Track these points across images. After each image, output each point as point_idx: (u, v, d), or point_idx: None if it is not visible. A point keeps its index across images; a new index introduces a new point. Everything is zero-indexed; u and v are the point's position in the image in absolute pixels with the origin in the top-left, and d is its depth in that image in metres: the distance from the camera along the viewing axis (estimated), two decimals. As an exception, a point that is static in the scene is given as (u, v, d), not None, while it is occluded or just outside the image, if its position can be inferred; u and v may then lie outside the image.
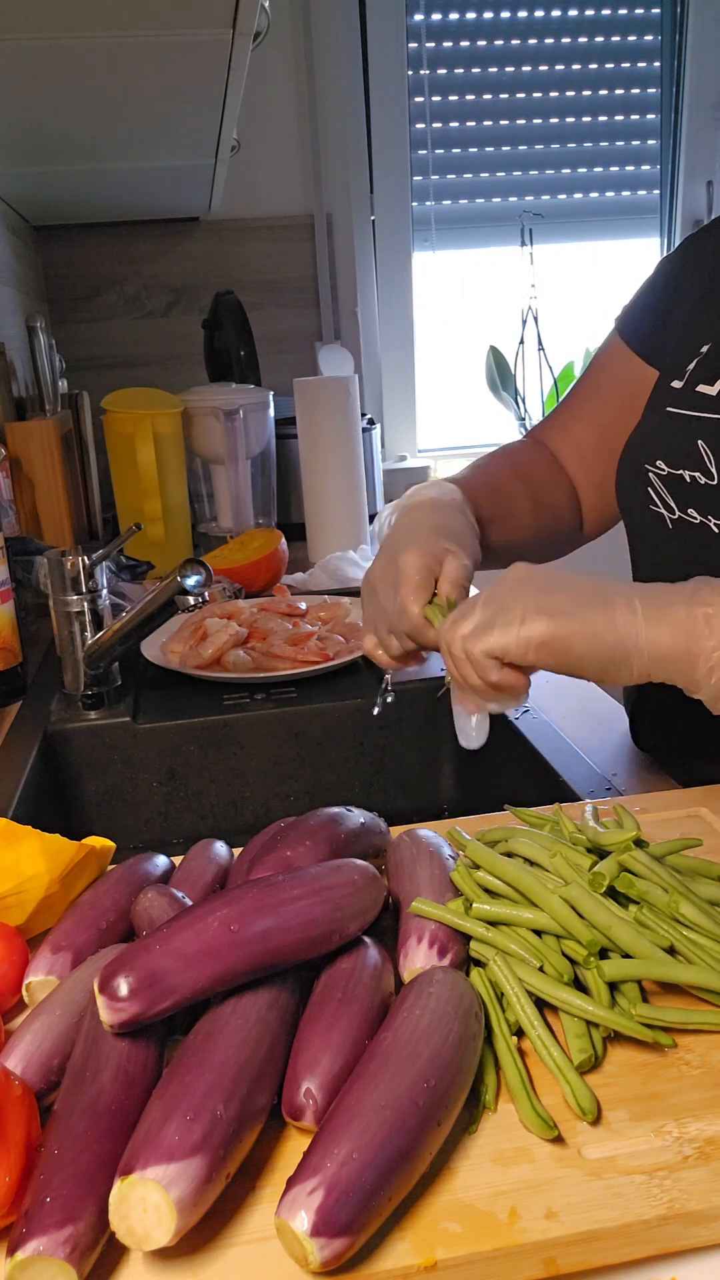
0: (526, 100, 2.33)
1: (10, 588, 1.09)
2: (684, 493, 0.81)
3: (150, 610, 1.00)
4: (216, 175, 1.67)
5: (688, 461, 0.81)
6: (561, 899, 0.55)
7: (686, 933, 0.53)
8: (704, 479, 0.79)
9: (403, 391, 2.48)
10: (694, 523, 0.80)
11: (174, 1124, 0.41)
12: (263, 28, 1.13)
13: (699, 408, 0.82)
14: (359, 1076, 0.45)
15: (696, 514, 0.80)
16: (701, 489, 0.80)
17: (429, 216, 2.37)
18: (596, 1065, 0.50)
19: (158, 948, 0.47)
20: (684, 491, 0.81)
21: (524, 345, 2.44)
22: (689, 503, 0.81)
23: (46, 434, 1.57)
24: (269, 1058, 0.47)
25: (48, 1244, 0.38)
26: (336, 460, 1.71)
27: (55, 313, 2.18)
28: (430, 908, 0.56)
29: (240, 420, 1.76)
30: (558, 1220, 0.42)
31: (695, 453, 0.80)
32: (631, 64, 2.34)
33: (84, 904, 0.61)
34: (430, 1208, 0.43)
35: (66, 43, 0.95)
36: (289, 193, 2.22)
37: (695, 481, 0.80)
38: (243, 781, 1.13)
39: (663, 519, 0.84)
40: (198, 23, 0.93)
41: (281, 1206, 0.40)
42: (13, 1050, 0.50)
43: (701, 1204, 0.42)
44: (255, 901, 0.50)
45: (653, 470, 0.84)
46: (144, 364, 2.23)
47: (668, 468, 0.82)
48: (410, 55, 2.24)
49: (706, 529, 0.79)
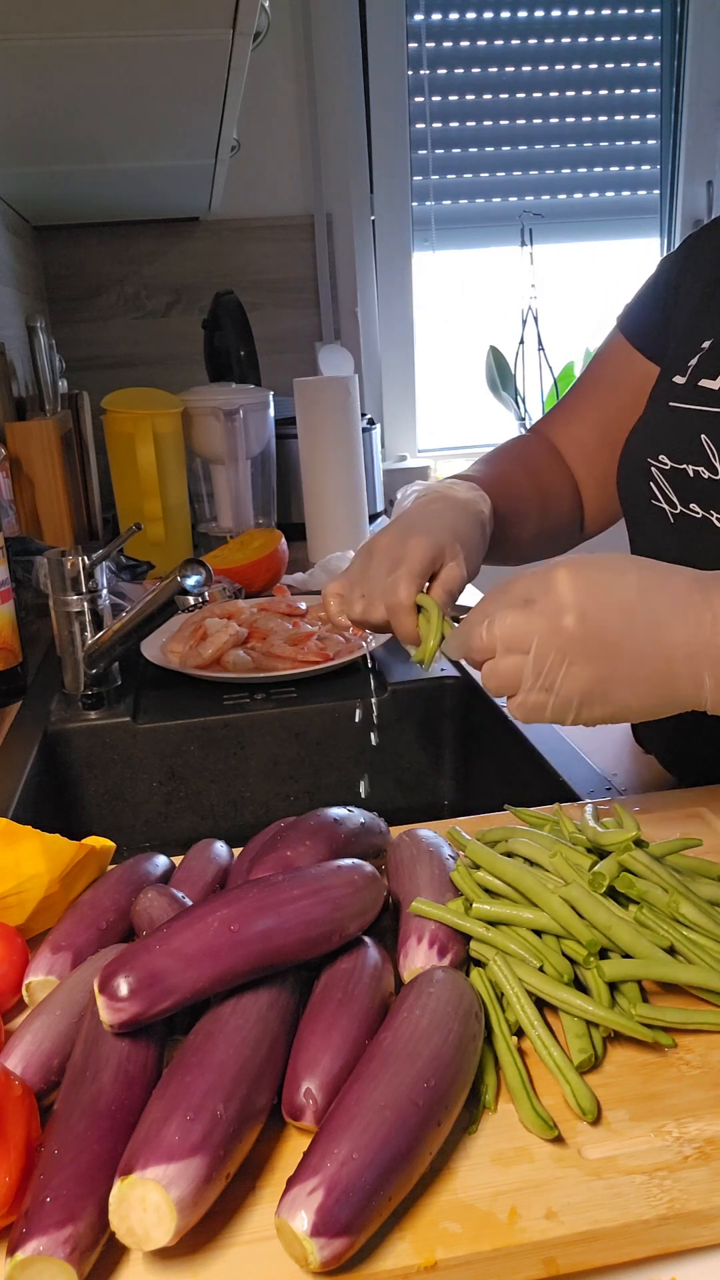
0: (526, 100, 2.33)
1: (10, 588, 1.09)
2: (686, 487, 0.81)
3: (150, 610, 1.00)
4: (216, 175, 1.67)
5: (690, 456, 0.81)
6: (561, 899, 0.55)
7: (686, 933, 0.54)
8: (707, 474, 0.79)
9: (403, 391, 2.48)
10: (695, 518, 0.81)
11: (174, 1124, 0.41)
12: (263, 28, 1.13)
13: (702, 402, 0.82)
14: (359, 1076, 0.45)
15: (698, 509, 0.80)
16: (705, 484, 0.80)
17: (429, 216, 2.37)
18: (596, 1065, 0.50)
19: (158, 948, 0.47)
20: (686, 486, 0.81)
21: (524, 345, 2.44)
22: (691, 498, 0.81)
23: (46, 434, 1.57)
24: (269, 1058, 0.47)
25: (48, 1244, 0.38)
26: (336, 460, 1.71)
27: (55, 313, 2.18)
28: (430, 908, 0.56)
29: (240, 420, 1.76)
30: (558, 1220, 0.42)
31: (698, 447, 0.80)
32: (631, 64, 2.34)
33: (84, 904, 0.61)
34: (430, 1208, 0.43)
35: (66, 43, 0.95)
36: (289, 193, 2.22)
37: (699, 476, 0.80)
38: (243, 781, 1.13)
39: (664, 514, 0.84)
40: (198, 23, 0.93)
41: (281, 1206, 0.40)
42: (13, 1050, 0.50)
43: (701, 1204, 0.42)
44: (255, 901, 0.50)
45: (655, 465, 0.84)
46: (144, 364, 2.23)
47: (671, 462, 0.82)
48: (410, 55, 2.24)
49: (708, 524, 0.79)
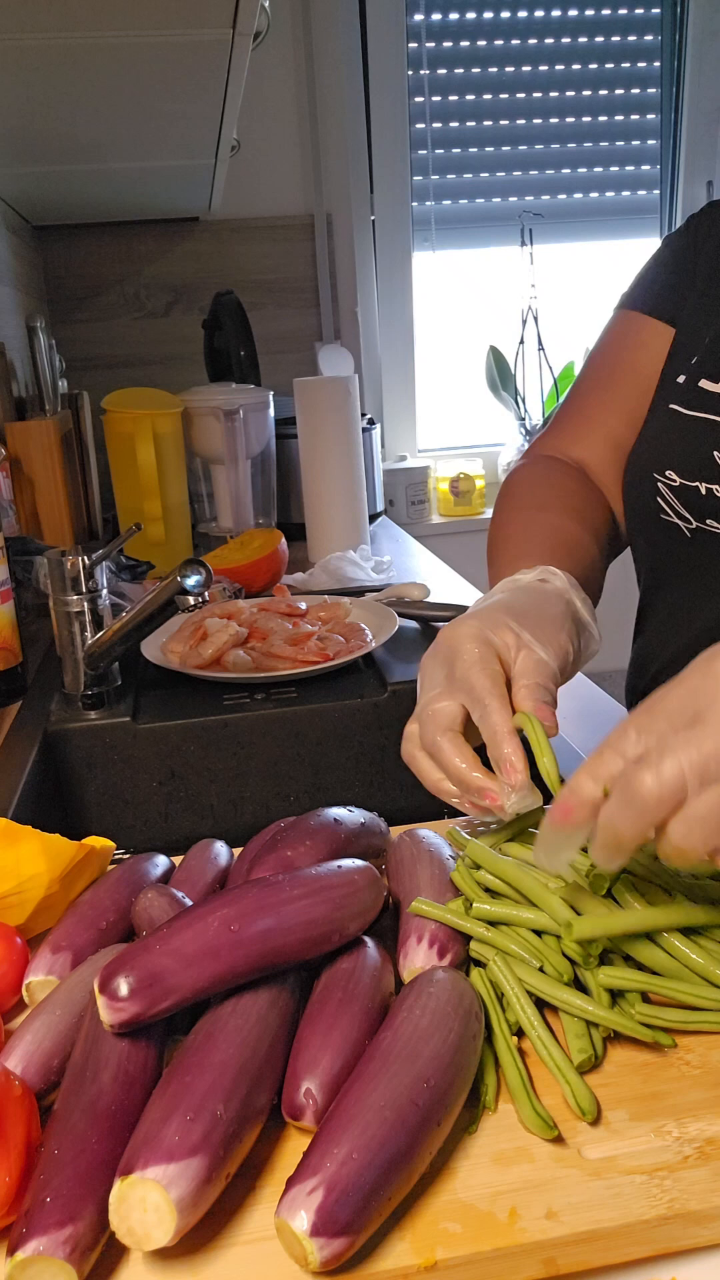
0: (526, 100, 2.33)
1: (10, 588, 1.09)
2: (701, 504, 0.78)
3: (150, 610, 1.00)
4: (216, 175, 1.67)
5: (702, 474, 0.78)
6: (562, 899, 0.55)
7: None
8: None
9: (403, 391, 2.48)
10: (716, 533, 0.78)
11: (174, 1124, 0.41)
12: (263, 28, 1.13)
13: (705, 408, 0.80)
14: (359, 1076, 0.45)
15: (717, 524, 0.77)
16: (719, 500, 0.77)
17: (429, 216, 2.37)
18: (596, 1065, 0.50)
19: (158, 948, 0.47)
20: (701, 503, 0.78)
21: (524, 345, 2.44)
22: (707, 513, 0.78)
23: (46, 434, 1.57)
24: (269, 1058, 0.47)
25: (48, 1244, 0.38)
26: (336, 460, 1.71)
27: (55, 313, 2.18)
28: (430, 908, 0.56)
29: (240, 420, 1.76)
30: (558, 1220, 0.42)
31: (710, 464, 0.77)
32: (631, 64, 2.34)
33: (84, 904, 0.61)
34: (430, 1208, 0.43)
35: (66, 43, 0.95)
36: (289, 193, 2.22)
37: (712, 493, 0.77)
38: (243, 781, 1.13)
39: (678, 529, 0.81)
40: (198, 23, 0.93)
41: (281, 1206, 0.40)
42: (13, 1050, 0.50)
43: (701, 1204, 0.42)
44: (255, 901, 0.50)
45: (662, 481, 0.81)
46: (144, 364, 2.23)
47: (679, 479, 0.79)
48: (410, 55, 2.25)
49: None
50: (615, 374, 0.89)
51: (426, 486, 2.46)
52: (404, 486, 2.41)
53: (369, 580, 1.56)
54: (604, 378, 0.91)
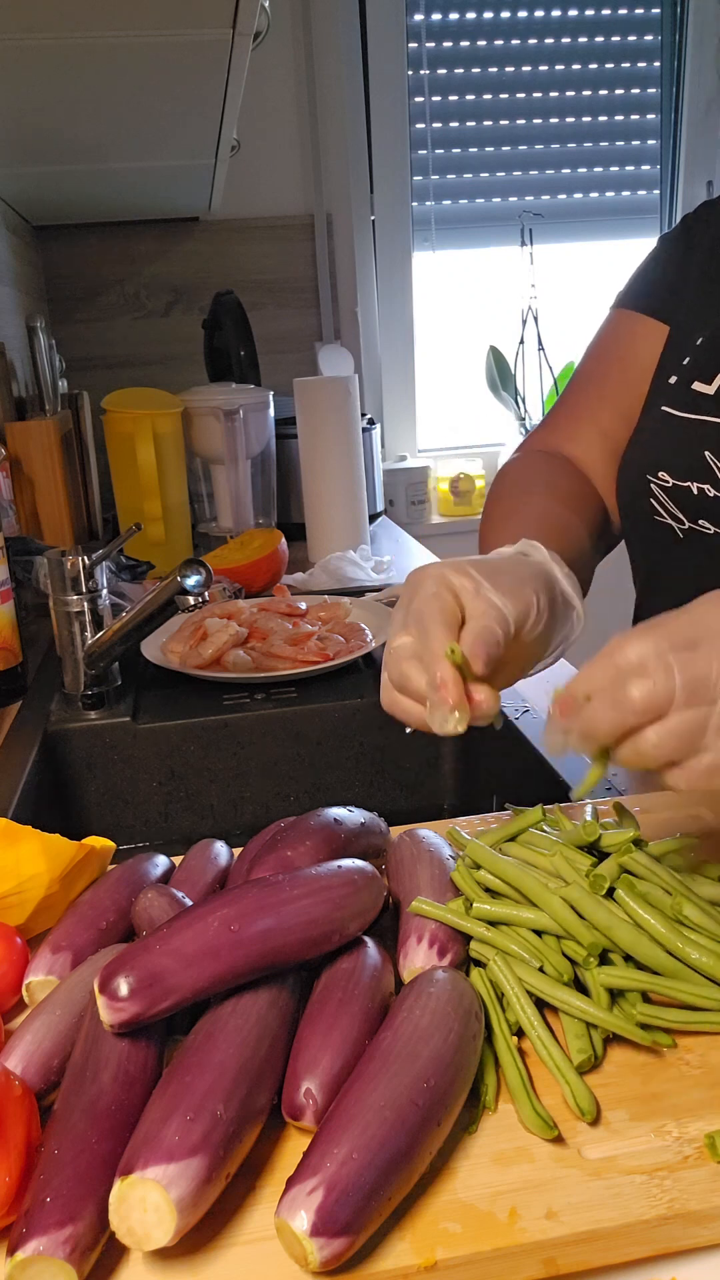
0: (526, 100, 2.33)
1: (10, 588, 1.09)
2: (693, 505, 0.78)
3: (150, 610, 1.00)
4: (216, 175, 1.67)
5: (694, 474, 0.77)
6: (562, 899, 0.55)
7: (688, 933, 0.53)
8: (713, 491, 0.76)
9: (403, 391, 2.48)
10: (708, 533, 0.78)
11: (174, 1124, 0.41)
12: (263, 28, 1.13)
13: (697, 409, 0.80)
14: (359, 1076, 0.45)
15: (709, 525, 0.77)
16: (712, 501, 0.77)
17: (429, 216, 2.37)
18: (596, 1065, 0.50)
19: (158, 948, 0.47)
20: (693, 504, 0.78)
21: (524, 345, 2.44)
22: (700, 514, 0.78)
23: (46, 434, 1.57)
24: (269, 1058, 0.47)
25: (48, 1244, 0.38)
26: (336, 460, 1.71)
27: (55, 313, 2.18)
28: (430, 908, 0.56)
29: (240, 420, 1.76)
30: (558, 1220, 0.42)
31: (702, 465, 0.77)
32: (631, 64, 2.34)
33: (84, 904, 0.61)
34: (430, 1208, 0.43)
35: (66, 43, 0.95)
36: (289, 193, 2.22)
37: (704, 494, 0.77)
38: (243, 781, 1.13)
39: (671, 529, 0.81)
40: (198, 23, 0.93)
41: (281, 1206, 0.40)
42: (13, 1050, 0.50)
43: (701, 1204, 0.42)
44: (255, 901, 0.50)
45: (655, 482, 0.81)
46: (144, 364, 2.23)
47: (672, 479, 0.79)
48: (410, 55, 2.25)
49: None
50: (609, 371, 0.90)
51: (426, 486, 2.46)
52: (404, 486, 2.41)
53: (369, 580, 1.56)
54: (598, 375, 0.91)
